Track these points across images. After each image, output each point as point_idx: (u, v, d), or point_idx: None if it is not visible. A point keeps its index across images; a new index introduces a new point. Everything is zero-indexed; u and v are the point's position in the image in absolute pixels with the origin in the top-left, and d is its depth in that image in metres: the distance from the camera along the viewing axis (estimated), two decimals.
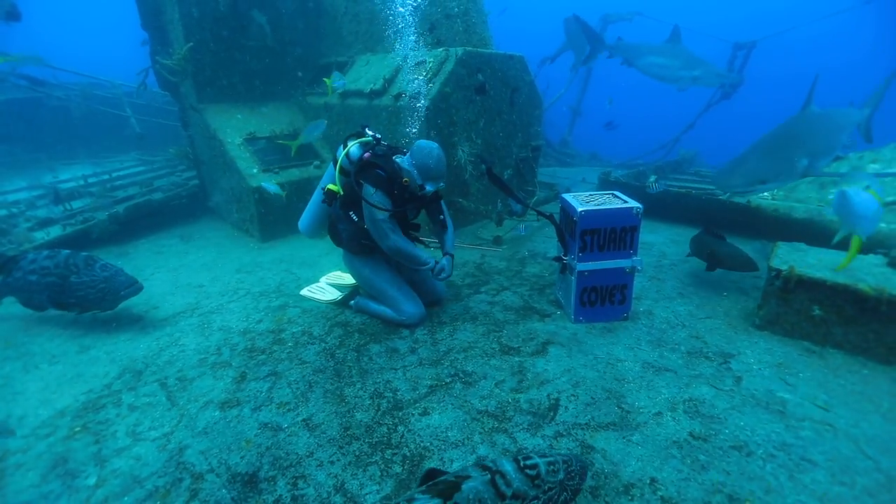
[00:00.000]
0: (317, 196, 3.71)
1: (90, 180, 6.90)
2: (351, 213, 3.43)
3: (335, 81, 5.13)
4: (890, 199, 4.51)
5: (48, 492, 2.15)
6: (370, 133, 3.48)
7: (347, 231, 3.47)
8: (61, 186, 6.71)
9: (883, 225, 4.16)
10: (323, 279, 4.19)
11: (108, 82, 10.09)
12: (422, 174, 3.25)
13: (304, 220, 3.83)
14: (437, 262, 3.36)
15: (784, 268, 2.97)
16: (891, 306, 2.67)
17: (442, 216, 3.57)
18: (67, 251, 3.60)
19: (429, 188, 3.29)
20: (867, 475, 2.06)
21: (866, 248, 3.58)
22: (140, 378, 2.99)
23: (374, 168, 3.25)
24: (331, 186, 3.47)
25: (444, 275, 3.37)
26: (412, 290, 3.55)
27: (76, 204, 6.00)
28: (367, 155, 3.32)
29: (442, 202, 3.60)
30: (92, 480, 2.20)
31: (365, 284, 3.64)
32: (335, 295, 3.88)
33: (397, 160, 3.34)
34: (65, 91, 9.32)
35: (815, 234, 4.30)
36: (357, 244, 3.49)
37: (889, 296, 2.65)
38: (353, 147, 3.41)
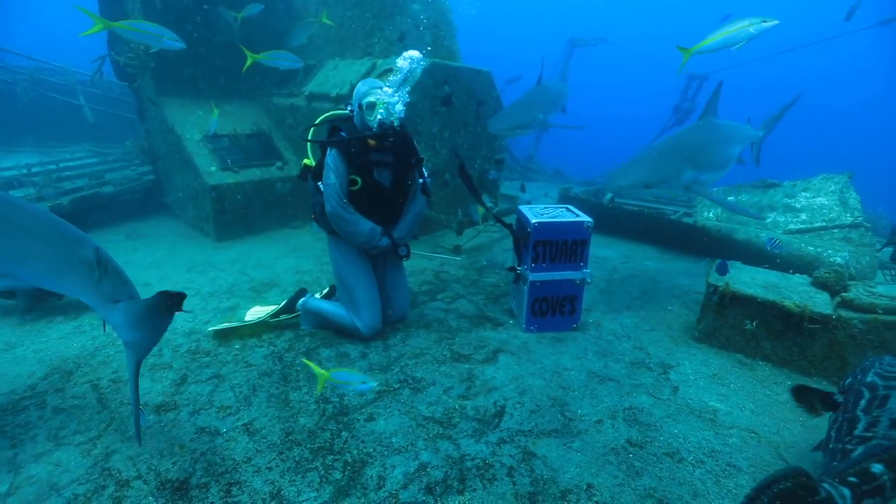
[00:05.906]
0: None
1: (34, 169, 6.51)
2: (319, 184, 3.22)
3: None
4: (802, 226, 4.89)
5: None
6: (347, 108, 3.31)
7: (320, 205, 3.22)
8: (1, 175, 6.28)
9: (811, 248, 4.51)
10: (247, 314, 3.59)
11: (60, 68, 9.59)
12: (357, 98, 3.11)
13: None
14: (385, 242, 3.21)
15: (720, 284, 3.14)
16: (812, 322, 2.87)
17: (423, 180, 3.31)
18: None
19: (376, 115, 3.00)
20: None
21: (795, 269, 3.86)
22: (70, 379, 2.82)
23: (338, 132, 3.10)
24: (306, 161, 3.32)
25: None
26: (379, 300, 3.31)
27: (17, 193, 5.64)
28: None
29: (424, 168, 3.33)
30: (4, 487, 2.05)
31: (336, 275, 3.36)
32: (273, 308, 3.53)
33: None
34: (11, 74, 8.79)
35: (752, 253, 4.59)
36: (326, 220, 3.24)
37: (811, 313, 2.86)
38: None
